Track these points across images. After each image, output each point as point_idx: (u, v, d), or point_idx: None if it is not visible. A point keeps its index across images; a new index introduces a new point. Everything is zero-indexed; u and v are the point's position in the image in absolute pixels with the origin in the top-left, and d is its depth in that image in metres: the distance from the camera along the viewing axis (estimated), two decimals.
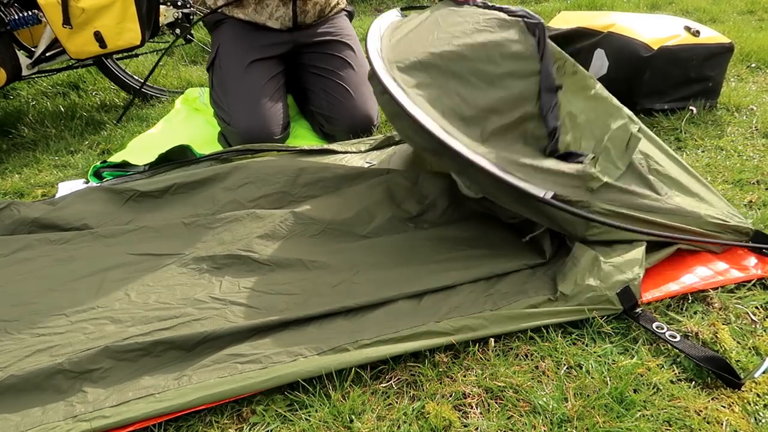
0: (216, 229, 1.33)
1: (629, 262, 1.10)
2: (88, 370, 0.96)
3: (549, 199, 1.06)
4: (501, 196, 1.16)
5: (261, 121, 1.73)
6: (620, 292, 1.06)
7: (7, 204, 1.38)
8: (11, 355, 1.00)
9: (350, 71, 1.88)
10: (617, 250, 1.12)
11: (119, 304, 1.11)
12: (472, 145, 1.10)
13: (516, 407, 0.91)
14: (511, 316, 1.04)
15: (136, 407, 0.89)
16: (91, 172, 1.67)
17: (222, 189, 1.45)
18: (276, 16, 1.80)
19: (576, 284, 1.08)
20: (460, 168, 1.13)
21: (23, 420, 0.88)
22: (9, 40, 1.90)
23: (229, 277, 1.17)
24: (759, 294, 1.13)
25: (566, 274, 1.10)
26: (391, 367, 0.99)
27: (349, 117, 1.83)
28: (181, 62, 2.92)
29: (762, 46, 2.53)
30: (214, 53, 1.85)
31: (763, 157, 1.64)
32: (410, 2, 4.07)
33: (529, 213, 1.16)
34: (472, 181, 1.16)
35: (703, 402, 0.91)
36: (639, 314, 1.05)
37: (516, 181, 1.07)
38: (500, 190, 1.13)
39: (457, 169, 1.13)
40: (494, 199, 1.19)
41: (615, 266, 1.09)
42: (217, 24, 1.89)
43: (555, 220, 1.13)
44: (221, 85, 1.81)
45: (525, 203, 1.13)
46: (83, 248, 1.28)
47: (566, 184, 1.09)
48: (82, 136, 2.08)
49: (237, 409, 0.93)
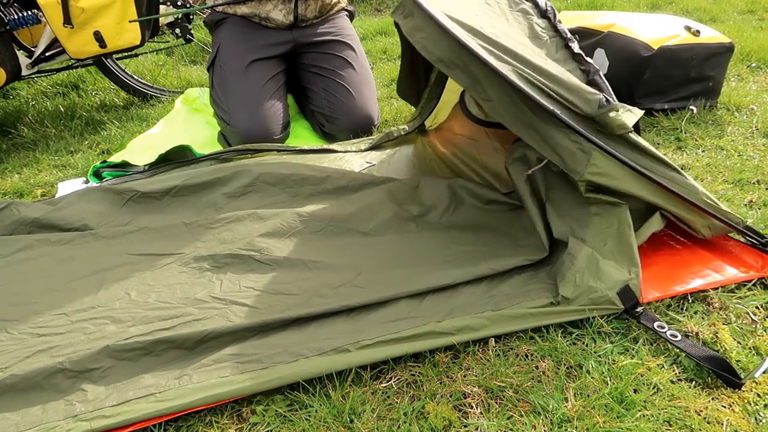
0: (217, 228, 1.33)
1: (625, 258, 1.10)
2: (89, 369, 0.96)
3: (559, 114, 1.05)
4: (508, 112, 1.13)
5: (261, 120, 1.74)
6: (620, 291, 1.06)
7: (7, 204, 1.38)
8: (11, 355, 1.00)
9: (351, 71, 1.88)
10: (608, 243, 1.12)
11: (120, 304, 1.11)
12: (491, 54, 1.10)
13: (516, 407, 0.91)
14: (513, 316, 1.04)
15: (136, 407, 0.89)
16: (90, 172, 1.67)
17: (223, 195, 1.45)
18: (280, 7, 1.81)
19: (576, 286, 1.07)
20: (474, 78, 1.12)
21: (23, 419, 0.88)
22: (9, 39, 1.90)
23: (230, 276, 1.17)
24: (759, 294, 1.13)
25: (565, 274, 1.10)
26: (391, 367, 0.99)
27: (349, 117, 1.83)
28: (181, 62, 2.92)
29: (762, 45, 2.52)
30: (215, 53, 1.85)
31: (764, 156, 1.64)
32: None
33: (533, 138, 1.14)
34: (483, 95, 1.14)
35: (703, 402, 0.91)
36: (640, 313, 1.05)
37: (529, 89, 1.06)
38: (510, 103, 1.11)
39: (471, 80, 1.12)
40: (500, 118, 1.17)
41: (613, 265, 1.09)
42: (218, 24, 1.89)
43: (556, 150, 1.11)
44: (221, 85, 1.81)
45: (531, 122, 1.11)
46: (83, 248, 1.28)
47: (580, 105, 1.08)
48: (82, 136, 2.08)
49: (237, 409, 0.93)
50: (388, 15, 3.82)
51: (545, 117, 1.08)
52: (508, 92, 1.09)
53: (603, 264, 1.08)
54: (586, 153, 1.07)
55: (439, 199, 1.41)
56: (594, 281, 1.07)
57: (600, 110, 1.06)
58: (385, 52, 2.88)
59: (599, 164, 1.08)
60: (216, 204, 1.43)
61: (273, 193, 1.46)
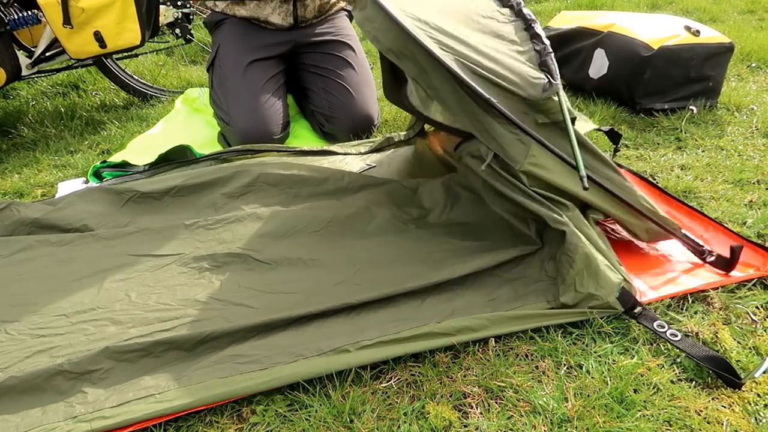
0: (216, 229, 1.33)
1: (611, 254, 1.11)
2: (89, 370, 0.95)
3: (495, 103, 1.07)
4: (452, 100, 1.15)
5: (260, 121, 1.74)
6: (619, 295, 1.06)
7: (7, 204, 1.38)
8: (11, 356, 1.00)
9: (351, 71, 1.88)
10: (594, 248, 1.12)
11: (119, 305, 1.11)
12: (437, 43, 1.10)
13: (516, 407, 0.91)
14: (513, 317, 1.04)
15: (136, 408, 0.89)
16: (90, 172, 1.66)
17: (223, 195, 1.45)
18: (279, 11, 1.81)
19: (577, 292, 1.07)
20: (420, 68, 1.13)
21: (23, 421, 0.88)
22: (9, 40, 1.90)
23: (230, 276, 1.17)
24: (759, 294, 1.13)
25: (565, 278, 1.10)
26: (391, 367, 0.99)
27: (349, 117, 1.83)
28: (181, 62, 2.92)
29: (762, 45, 2.52)
30: (214, 53, 1.86)
31: (764, 156, 1.64)
32: None
33: (476, 128, 1.15)
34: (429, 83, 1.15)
35: (703, 402, 0.91)
36: (639, 313, 1.05)
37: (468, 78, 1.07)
38: (452, 92, 1.13)
39: (418, 69, 1.14)
40: (444, 107, 1.19)
41: (607, 265, 1.08)
42: (218, 24, 1.89)
43: (498, 139, 1.13)
44: (221, 85, 1.81)
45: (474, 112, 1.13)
46: (83, 249, 1.28)
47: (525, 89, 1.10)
48: (82, 136, 2.08)
49: (237, 409, 0.93)
50: None
51: (485, 106, 1.10)
52: (451, 82, 1.11)
53: (600, 265, 1.08)
54: (525, 144, 1.11)
55: (437, 200, 1.41)
56: (594, 288, 1.06)
57: (544, 93, 1.09)
58: None
59: (537, 156, 1.11)
60: (216, 204, 1.43)
61: (273, 194, 1.46)
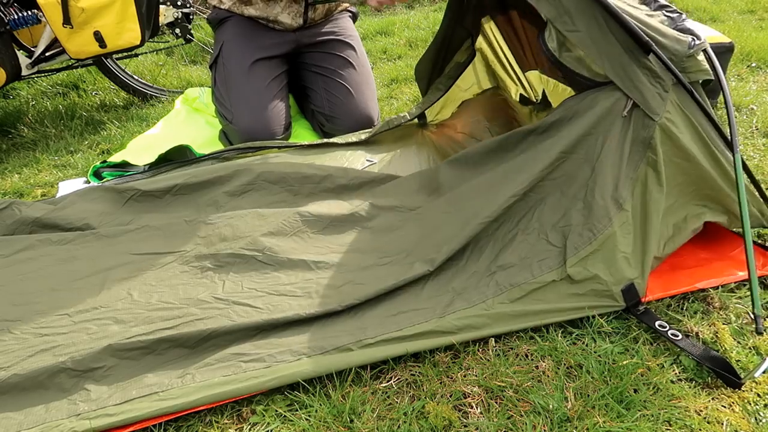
0: (216, 224, 1.33)
1: (639, 255, 1.10)
2: (92, 368, 0.96)
3: (654, 47, 1.06)
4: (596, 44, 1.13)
5: (263, 120, 1.74)
6: (625, 288, 1.06)
7: (8, 204, 1.38)
8: (14, 354, 1.00)
9: (352, 71, 1.88)
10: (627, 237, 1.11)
11: (122, 304, 1.11)
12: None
13: (516, 407, 0.91)
14: (514, 314, 1.04)
15: (139, 406, 0.90)
16: (90, 172, 1.66)
17: (224, 194, 1.45)
18: (288, 10, 1.81)
19: (585, 269, 1.07)
20: (561, 9, 1.13)
21: (26, 419, 0.89)
22: (9, 39, 1.90)
23: (233, 276, 1.18)
24: (759, 294, 1.13)
25: (578, 250, 1.09)
26: (392, 367, 0.99)
27: (349, 117, 1.83)
28: (181, 62, 2.92)
29: (762, 45, 2.53)
30: (218, 51, 1.85)
31: (764, 156, 1.64)
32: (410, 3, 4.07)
33: (617, 74, 1.13)
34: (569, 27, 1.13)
35: (703, 402, 0.91)
36: (641, 312, 1.05)
37: (624, 17, 1.06)
38: (599, 34, 1.11)
39: (558, 10, 1.13)
40: (586, 50, 1.16)
41: (627, 258, 1.08)
42: (221, 22, 1.88)
43: (639, 88, 1.11)
44: (224, 83, 1.81)
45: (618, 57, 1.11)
46: (85, 248, 1.28)
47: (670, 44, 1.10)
48: (82, 136, 2.08)
49: (237, 409, 0.93)
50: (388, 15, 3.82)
51: (632, 54, 1.10)
52: (599, 23, 1.10)
53: (618, 255, 1.08)
54: (663, 99, 1.10)
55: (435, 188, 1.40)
56: (603, 272, 1.07)
57: (690, 50, 1.09)
58: (385, 52, 2.88)
59: (672, 112, 1.11)
60: (217, 203, 1.43)
61: (274, 192, 1.46)
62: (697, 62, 1.11)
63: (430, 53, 1.71)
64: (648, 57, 1.09)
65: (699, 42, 1.10)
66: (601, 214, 1.11)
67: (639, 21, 1.10)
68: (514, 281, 1.09)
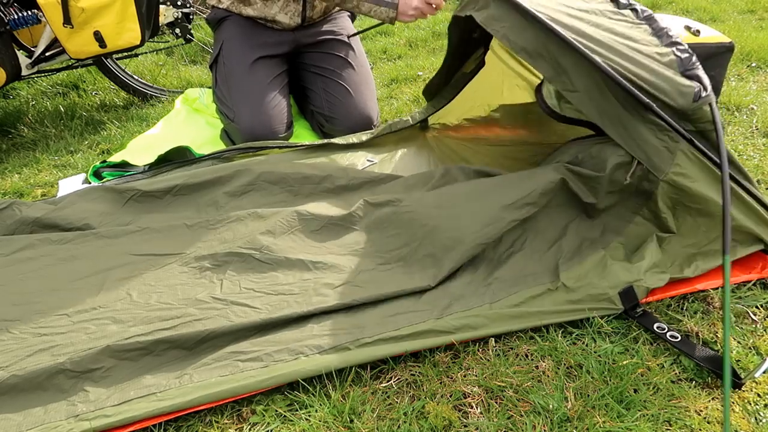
0: (218, 229, 1.33)
1: (640, 264, 1.11)
2: (90, 369, 0.96)
3: (655, 107, 1.04)
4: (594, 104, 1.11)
5: (265, 118, 1.74)
6: (622, 291, 1.06)
7: (9, 204, 1.38)
8: (13, 354, 1.00)
9: (350, 71, 1.88)
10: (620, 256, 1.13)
11: (121, 304, 1.11)
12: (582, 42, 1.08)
13: (516, 407, 0.91)
14: (512, 315, 1.05)
15: (137, 406, 0.90)
16: (90, 172, 1.66)
17: (225, 194, 1.44)
18: (286, 10, 1.81)
19: (579, 278, 1.09)
20: (559, 69, 1.11)
21: (25, 419, 0.89)
22: (9, 39, 1.90)
23: (231, 276, 1.17)
24: (759, 294, 1.13)
25: (571, 266, 1.12)
26: (391, 367, 0.99)
27: (348, 117, 1.83)
28: (181, 62, 2.91)
29: (762, 45, 2.52)
30: (218, 50, 1.85)
31: (764, 156, 1.64)
32: None
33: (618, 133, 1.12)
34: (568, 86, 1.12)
35: (703, 402, 0.91)
36: (640, 314, 1.05)
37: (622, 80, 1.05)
38: (598, 94, 1.10)
39: (556, 70, 1.11)
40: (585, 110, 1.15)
41: (622, 266, 1.10)
42: (220, 21, 1.88)
43: (642, 147, 1.10)
44: (225, 82, 1.80)
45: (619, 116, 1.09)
46: (85, 248, 1.28)
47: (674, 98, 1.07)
48: (82, 136, 2.08)
49: (237, 409, 0.93)
50: None
51: (634, 111, 1.08)
52: (597, 83, 1.08)
53: (611, 265, 1.10)
54: (672, 152, 1.08)
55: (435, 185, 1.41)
56: (596, 278, 1.08)
57: (694, 103, 1.06)
58: (385, 52, 2.88)
59: (683, 165, 1.08)
60: (217, 203, 1.43)
61: (274, 192, 1.46)
62: (704, 113, 1.08)
63: (442, 69, 1.70)
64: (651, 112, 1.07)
65: (705, 95, 1.07)
66: (589, 247, 1.15)
67: (639, 75, 1.07)
68: (511, 290, 1.11)
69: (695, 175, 1.10)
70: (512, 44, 1.14)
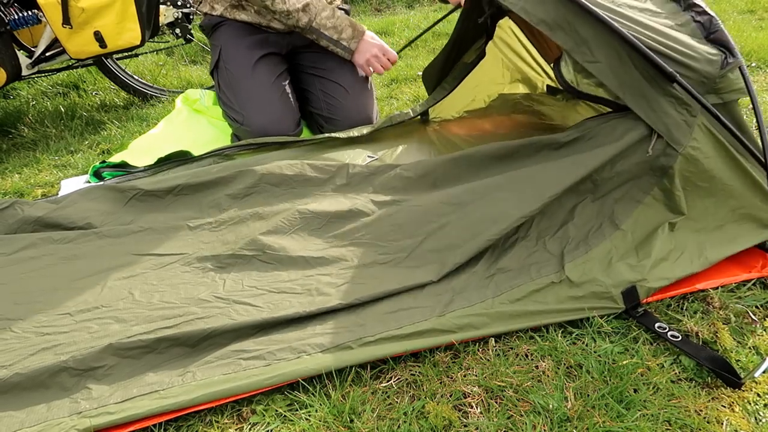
0: (220, 229, 1.33)
1: (645, 262, 1.10)
2: (93, 367, 0.96)
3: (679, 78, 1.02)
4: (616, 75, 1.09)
5: (275, 117, 1.74)
6: (625, 291, 1.06)
7: (11, 203, 1.38)
8: (16, 353, 1.00)
9: (347, 71, 1.87)
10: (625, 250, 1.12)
11: (123, 304, 1.11)
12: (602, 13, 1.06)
13: (516, 407, 0.91)
14: (514, 314, 1.05)
15: (140, 404, 0.90)
16: (90, 173, 1.66)
17: (227, 196, 1.44)
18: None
19: (584, 273, 1.08)
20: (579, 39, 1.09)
21: (28, 417, 0.89)
22: (9, 40, 1.90)
23: (233, 275, 1.18)
24: (759, 293, 1.13)
25: (575, 258, 1.11)
26: (392, 367, 0.99)
27: (347, 118, 1.83)
28: (181, 62, 2.92)
29: (762, 45, 2.53)
30: (217, 55, 1.85)
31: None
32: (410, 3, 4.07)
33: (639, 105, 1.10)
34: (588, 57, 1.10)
35: (703, 402, 0.91)
36: (641, 314, 1.05)
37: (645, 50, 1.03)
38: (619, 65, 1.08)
39: (575, 41, 1.09)
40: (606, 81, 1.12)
41: (628, 264, 1.09)
42: (215, 27, 1.88)
43: (662, 118, 1.08)
44: (230, 87, 1.80)
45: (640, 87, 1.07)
46: (87, 247, 1.28)
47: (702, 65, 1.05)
48: (82, 136, 2.08)
49: (237, 408, 0.93)
50: (388, 15, 3.82)
51: (655, 83, 1.06)
52: (619, 53, 1.07)
53: (616, 262, 1.09)
54: (690, 126, 1.07)
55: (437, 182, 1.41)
56: (602, 275, 1.08)
57: (722, 70, 1.04)
58: None
59: (699, 139, 1.07)
60: (220, 206, 1.42)
61: (276, 194, 1.46)
62: (731, 81, 1.07)
63: (441, 55, 1.71)
64: (673, 85, 1.05)
65: (733, 61, 1.05)
66: (596, 231, 1.13)
67: (664, 43, 1.05)
68: (514, 283, 1.10)
69: (708, 151, 1.09)
70: (531, 16, 1.13)
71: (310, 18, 1.71)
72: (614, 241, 1.13)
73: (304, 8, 1.69)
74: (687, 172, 1.11)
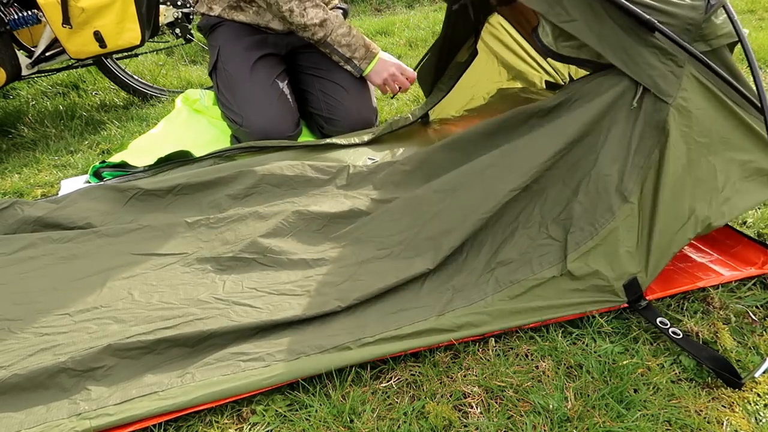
0: (219, 228, 1.33)
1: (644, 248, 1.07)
2: (92, 368, 0.96)
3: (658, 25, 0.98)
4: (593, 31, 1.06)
5: (274, 118, 1.74)
6: (627, 284, 1.06)
7: (11, 203, 1.38)
8: (14, 353, 1.00)
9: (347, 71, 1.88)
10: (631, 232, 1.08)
11: (122, 304, 1.11)
12: None
13: (516, 407, 0.91)
14: (514, 311, 1.04)
15: (139, 405, 0.90)
16: (90, 173, 1.66)
17: (227, 197, 1.44)
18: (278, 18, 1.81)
19: (586, 265, 1.06)
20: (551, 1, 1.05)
21: (27, 418, 0.89)
22: (9, 39, 1.90)
23: (233, 277, 1.18)
24: (759, 293, 1.13)
25: (579, 245, 1.07)
26: (391, 367, 0.99)
27: (347, 118, 1.83)
28: (181, 62, 2.92)
29: (762, 45, 2.53)
30: (215, 56, 1.85)
31: None
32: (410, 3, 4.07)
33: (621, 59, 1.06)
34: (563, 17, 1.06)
35: (703, 402, 0.91)
36: (643, 307, 1.05)
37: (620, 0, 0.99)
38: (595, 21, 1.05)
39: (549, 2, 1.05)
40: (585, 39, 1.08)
41: (630, 252, 1.06)
42: (213, 28, 1.88)
43: (647, 71, 1.04)
44: (228, 88, 1.80)
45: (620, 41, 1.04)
46: (86, 247, 1.28)
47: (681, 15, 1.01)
48: (82, 136, 2.08)
49: (237, 408, 0.93)
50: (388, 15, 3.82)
51: (634, 34, 1.02)
52: (594, 7, 1.04)
53: (621, 250, 1.06)
54: (677, 77, 1.03)
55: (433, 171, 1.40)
56: (604, 267, 1.05)
57: (707, 14, 1.00)
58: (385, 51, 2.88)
59: (689, 90, 1.04)
60: (220, 206, 1.42)
61: (277, 195, 1.46)
62: (717, 26, 1.02)
63: (432, 57, 1.71)
64: (654, 35, 1.01)
65: (716, 2, 1.00)
66: (604, 207, 1.07)
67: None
68: (514, 278, 1.09)
69: (700, 102, 1.05)
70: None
71: (326, 33, 1.75)
72: (620, 220, 1.07)
73: (321, 23, 1.73)
74: (684, 126, 1.06)
